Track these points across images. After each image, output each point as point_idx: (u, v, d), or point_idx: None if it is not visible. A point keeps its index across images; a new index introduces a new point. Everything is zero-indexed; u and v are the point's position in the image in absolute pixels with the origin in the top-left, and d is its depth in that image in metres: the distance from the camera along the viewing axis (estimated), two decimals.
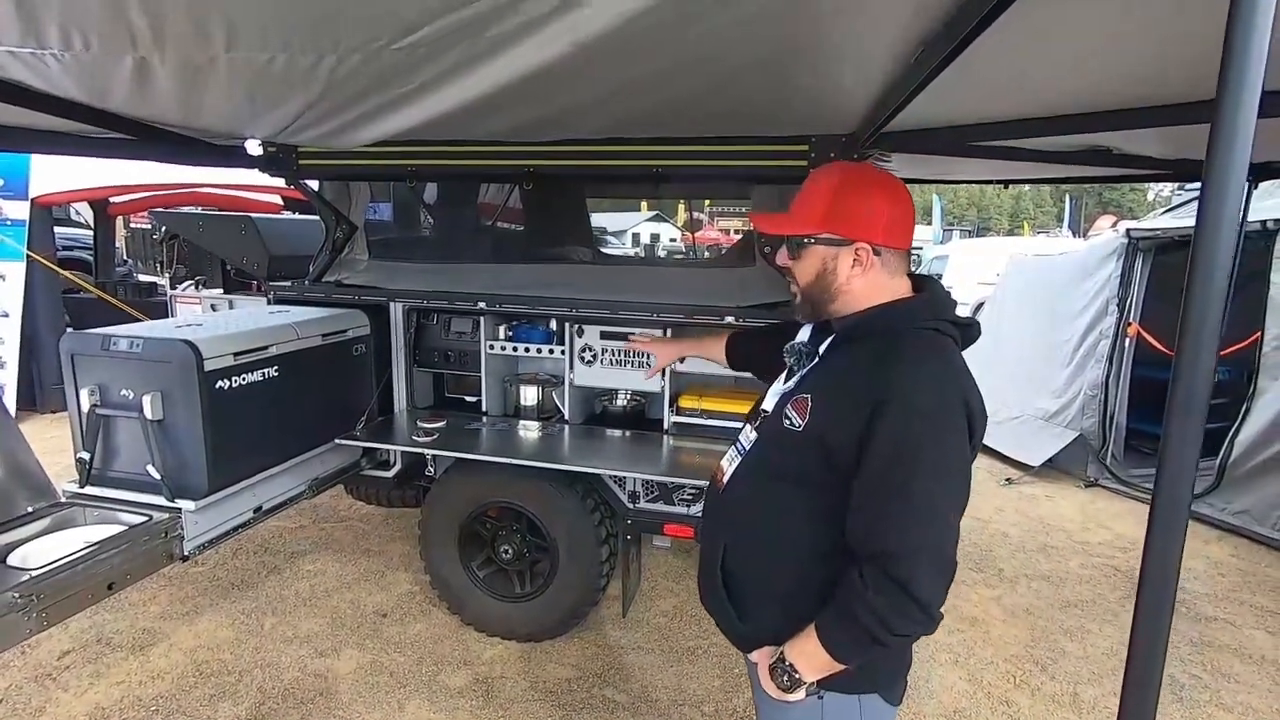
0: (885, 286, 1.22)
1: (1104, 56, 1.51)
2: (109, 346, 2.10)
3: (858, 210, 1.20)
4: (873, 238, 1.19)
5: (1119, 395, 4.86)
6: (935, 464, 1.09)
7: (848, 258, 1.21)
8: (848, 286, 1.22)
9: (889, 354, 1.16)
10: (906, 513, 1.09)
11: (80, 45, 1.35)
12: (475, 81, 1.46)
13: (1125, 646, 2.45)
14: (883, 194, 1.21)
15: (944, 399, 1.12)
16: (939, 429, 1.10)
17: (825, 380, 1.24)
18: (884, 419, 1.09)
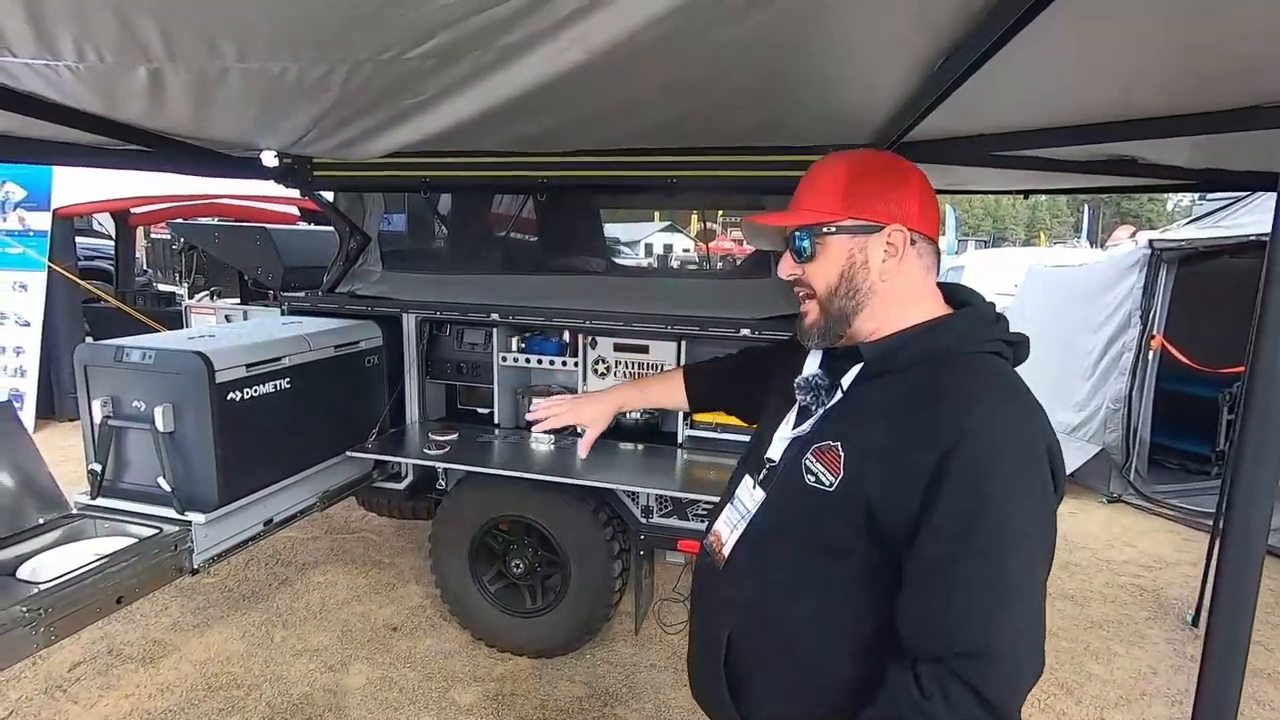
0: (922, 288, 1.02)
1: (1132, 64, 1.46)
2: (122, 358, 2.09)
3: (885, 189, 0.99)
4: (907, 219, 0.98)
5: (1142, 409, 4.76)
6: (1024, 533, 0.85)
7: (878, 247, 0.98)
8: (880, 286, 0.99)
9: (949, 387, 0.91)
10: (990, 599, 0.84)
11: (94, 57, 1.35)
12: (487, 91, 1.44)
13: (1154, 670, 2.38)
14: (911, 175, 1.01)
15: (1028, 448, 0.88)
16: (1025, 488, 0.86)
17: (859, 423, 0.97)
18: (953, 477, 0.85)
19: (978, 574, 0.84)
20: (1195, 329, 4.76)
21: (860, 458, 0.94)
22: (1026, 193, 3.67)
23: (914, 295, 1.01)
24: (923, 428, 0.89)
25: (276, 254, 3.46)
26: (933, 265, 1.02)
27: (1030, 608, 0.86)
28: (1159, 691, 2.79)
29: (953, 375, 0.93)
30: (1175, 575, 3.81)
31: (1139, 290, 4.76)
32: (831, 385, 1.04)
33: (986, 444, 0.86)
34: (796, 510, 1.01)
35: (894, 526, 0.90)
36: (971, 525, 0.84)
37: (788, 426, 1.09)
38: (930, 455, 0.86)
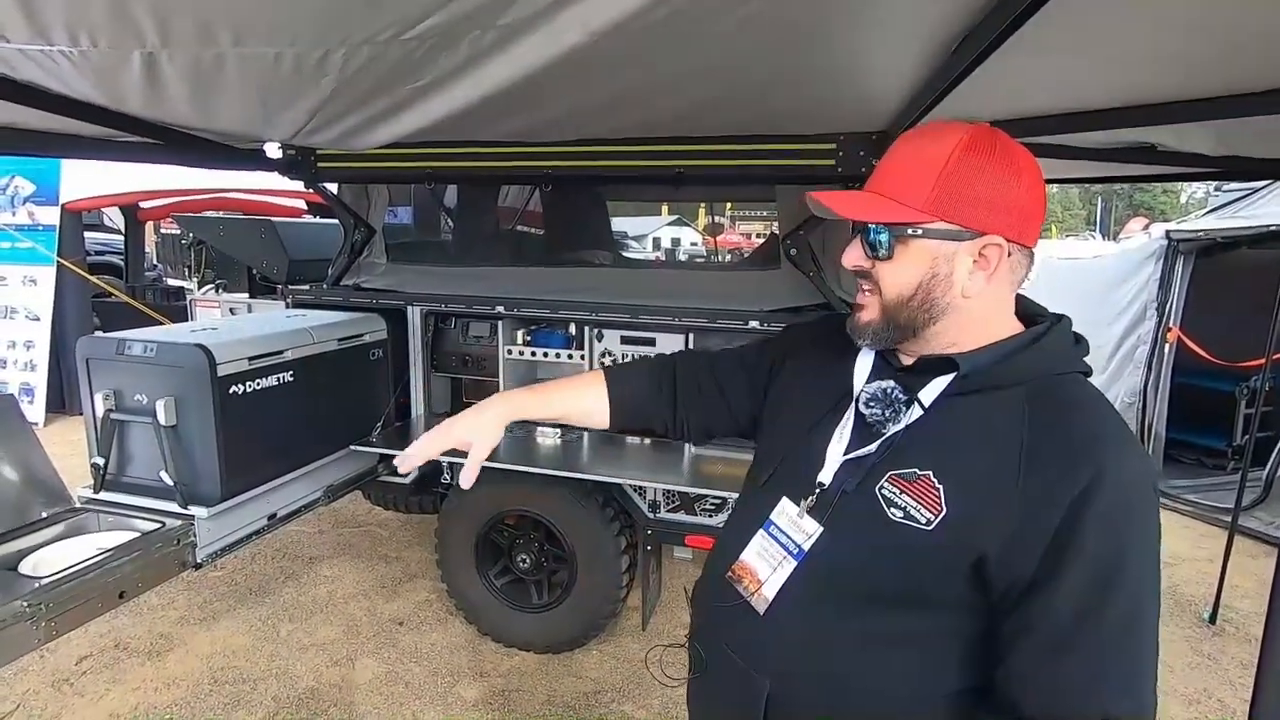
0: (1008, 304, 0.88)
1: (1152, 46, 1.41)
2: (123, 351, 2.07)
3: (991, 189, 0.81)
4: (1009, 230, 0.82)
5: (1158, 403, 4.69)
6: (1154, 581, 0.78)
7: (967, 258, 0.83)
8: (963, 301, 0.84)
9: (1063, 416, 0.81)
10: (1133, 656, 0.76)
11: (88, 42, 1.32)
12: (488, 76, 1.40)
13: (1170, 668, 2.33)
14: (1025, 167, 0.83)
15: (1152, 489, 0.80)
16: (1154, 531, 0.78)
17: (953, 450, 0.84)
18: (1090, 519, 0.75)
19: (1123, 630, 0.76)
20: (1213, 321, 4.68)
21: (966, 493, 0.81)
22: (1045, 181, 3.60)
23: (1000, 311, 0.88)
24: (1044, 465, 0.78)
25: (281, 247, 3.44)
26: (1024, 277, 0.88)
27: (1157, 658, 0.78)
28: (1175, 690, 2.74)
29: (1061, 403, 0.83)
30: (1191, 572, 3.75)
31: (1155, 282, 4.69)
32: (909, 400, 0.87)
33: (1121, 489, 0.76)
34: (883, 554, 0.85)
35: (1011, 577, 0.78)
36: (1115, 575, 0.75)
37: (839, 444, 0.92)
38: (1059, 497, 0.76)
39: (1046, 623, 0.77)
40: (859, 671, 0.87)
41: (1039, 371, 0.85)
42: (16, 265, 5.87)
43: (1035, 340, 0.86)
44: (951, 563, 0.81)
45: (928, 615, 0.84)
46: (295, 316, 2.72)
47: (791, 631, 0.91)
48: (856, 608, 0.87)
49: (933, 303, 0.85)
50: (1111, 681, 0.75)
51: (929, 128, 0.88)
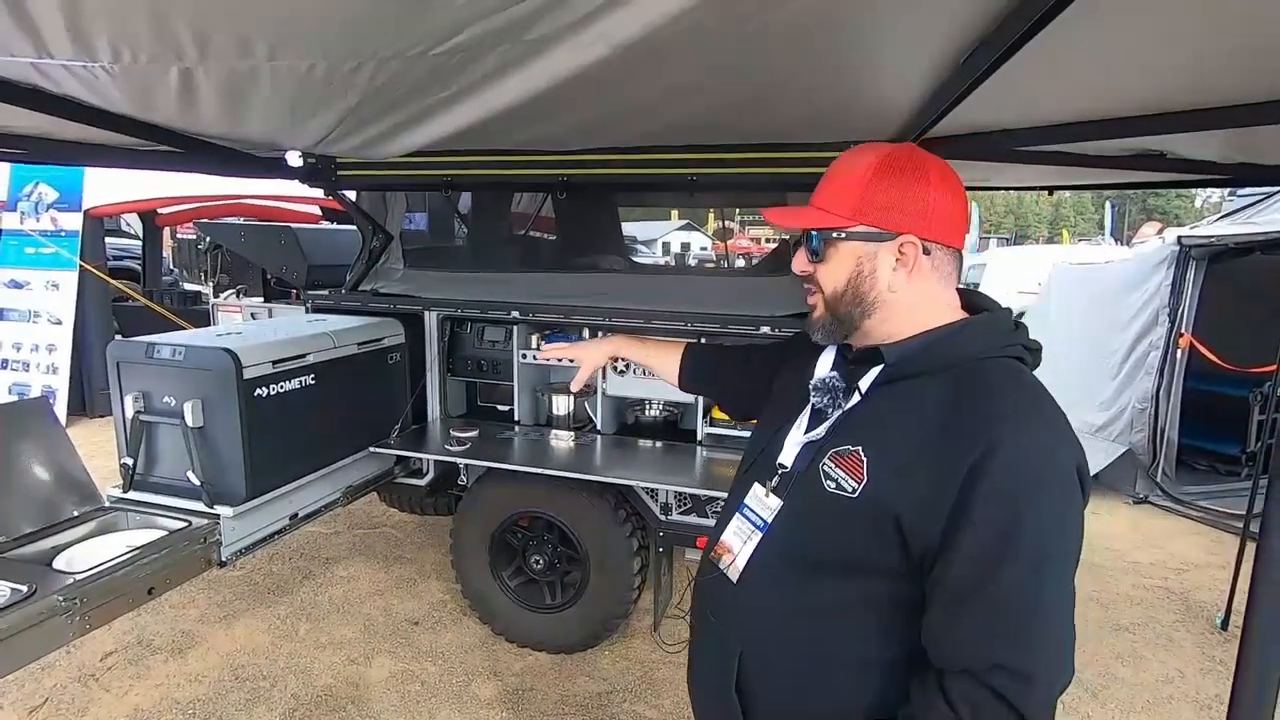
0: (937, 298, 0.97)
1: (1162, 56, 1.44)
2: (152, 354, 2.13)
3: (902, 196, 0.93)
4: (923, 230, 0.93)
5: (1170, 409, 4.67)
6: (1058, 548, 0.85)
7: (889, 256, 0.95)
8: (889, 295, 0.96)
9: (976, 394, 0.89)
10: (1028, 620, 0.83)
11: (129, 58, 1.38)
12: (510, 87, 1.45)
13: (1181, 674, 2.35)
14: (934, 178, 0.94)
15: (1059, 458, 0.86)
16: (1058, 500, 0.85)
17: (882, 429, 0.94)
18: (984, 486, 0.83)
19: (1015, 591, 0.83)
20: (1225, 327, 4.66)
21: (885, 465, 0.91)
22: (1051, 189, 3.62)
23: (928, 304, 0.97)
24: (950, 438, 0.86)
25: (301, 252, 3.51)
26: (952, 273, 0.98)
27: (1065, 621, 0.86)
28: (1187, 696, 2.74)
29: (978, 383, 0.91)
30: (1204, 578, 3.74)
31: (1167, 288, 4.67)
32: (849, 388, 1.00)
33: (1017, 458, 0.83)
34: (819, 520, 0.97)
35: (923, 540, 0.87)
36: (1008, 542, 0.82)
37: (799, 430, 1.04)
38: (959, 468, 0.84)
39: (948, 582, 0.86)
40: (814, 636, 0.97)
41: (961, 357, 0.93)
42: (40, 270, 5.98)
43: (957, 330, 0.96)
44: (873, 526, 0.90)
45: (869, 582, 0.93)
46: (316, 321, 2.78)
47: (758, 597, 1.02)
48: (809, 575, 0.98)
49: (862, 297, 0.97)
50: (1004, 639, 0.84)
51: (859, 148, 1.00)
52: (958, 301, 1.00)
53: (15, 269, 6.05)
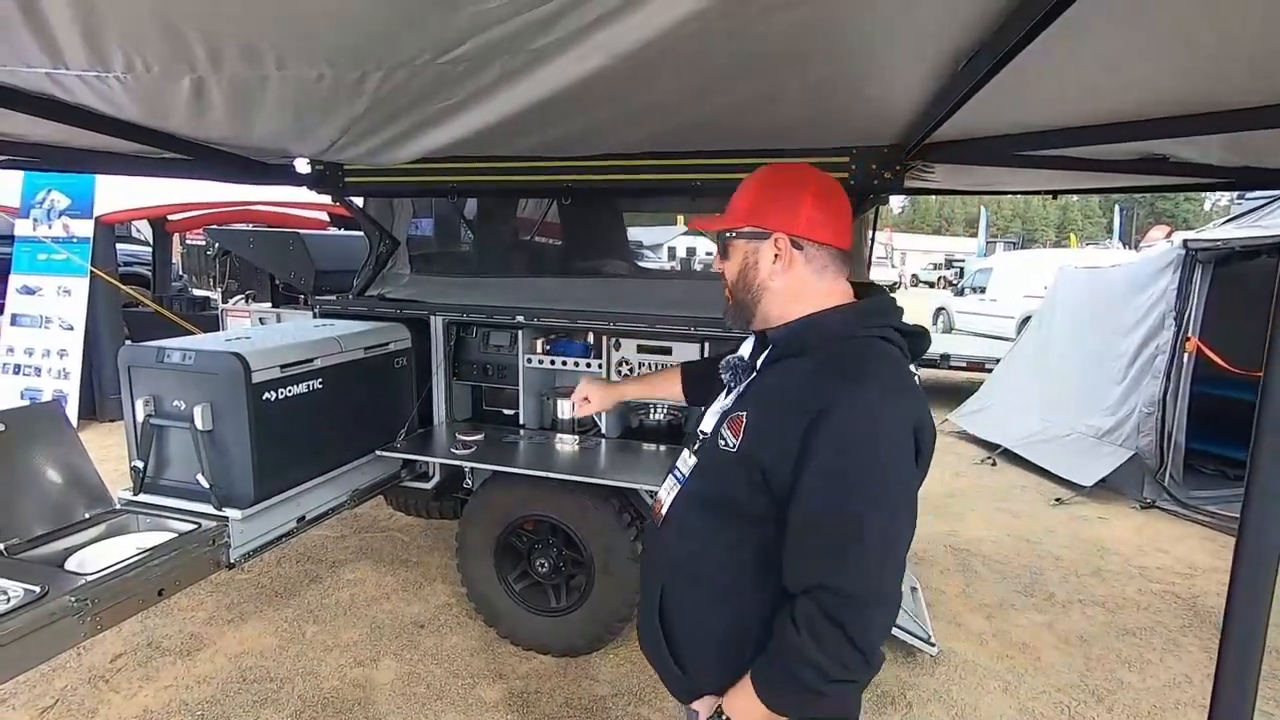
0: (812, 287, 1.14)
1: (1162, 60, 1.45)
2: (163, 359, 2.17)
3: (778, 202, 1.14)
4: (792, 229, 1.13)
5: (1177, 412, 4.65)
6: (880, 491, 1.00)
7: (769, 252, 1.14)
8: (770, 284, 1.15)
9: (829, 364, 1.08)
10: (846, 547, 1.00)
11: (141, 68, 1.41)
12: (514, 96, 1.48)
13: (1188, 679, 2.34)
14: (808, 188, 1.14)
15: (888, 415, 1.02)
16: (883, 450, 1.01)
17: (761, 396, 1.14)
18: (820, 438, 0.99)
19: (839, 524, 1.00)
20: (1232, 330, 4.64)
21: (757, 425, 1.10)
22: (1055, 193, 3.62)
23: (807, 292, 1.15)
24: (804, 394, 1.05)
25: (309, 258, 3.54)
26: (828, 266, 1.15)
27: (885, 552, 1.02)
28: (1194, 701, 2.72)
29: (835, 357, 1.09)
30: (1211, 583, 3.72)
31: (1173, 291, 4.67)
32: (749, 366, 1.21)
33: (850, 415, 1.01)
34: (713, 472, 1.17)
35: (778, 483, 1.05)
36: (835, 483, 1.00)
37: (719, 402, 1.26)
38: (804, 417, 1.01)
39: (795, 516, 1.04)
40: (713, 568, 1.16)
41: (829, 337, 1.12)
42: (52, 276, 6.05)
43: (826, 314, 1.14)
44: (747, 475, 1.09)
45: (751, 524, 1.11)
46: (323, 326, 2.81)
47: (674, 537, 1.23)
48: (708, 517, 1.17)
49: (750, 285, 1.18)
50: (828, 563, 1.01)
51: (758, 169, 1.21)
52: (842, 289, 1.17)
53: (28, 275, 6.12)
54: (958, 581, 3.66)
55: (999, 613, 3.34)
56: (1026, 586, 3.62)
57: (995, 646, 3.05)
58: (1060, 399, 5.54)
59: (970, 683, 2.78)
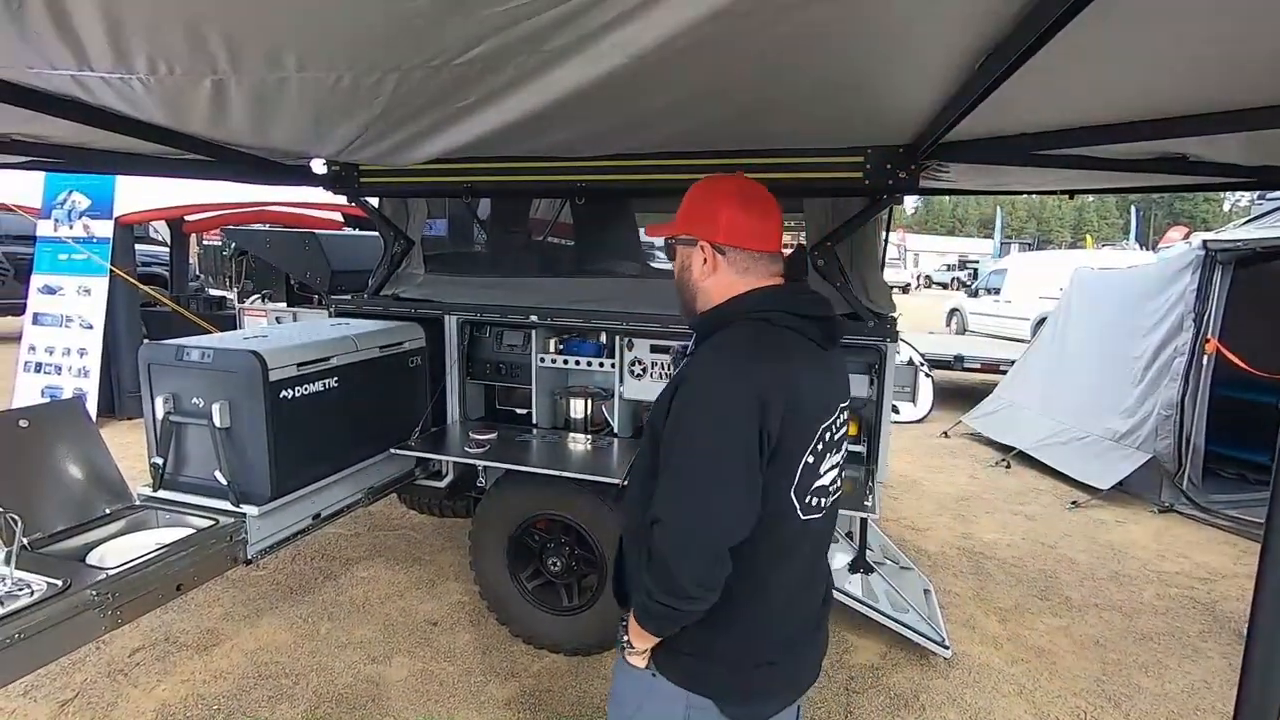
0: (737, 285, 1.28)
1: (1181, 57, 1.44)
2: (182, 357, 2.19)
3: (704, 212, 1.29)
4: (713, 237, 1.27)
5: (1196, 415, 4.59)
6: (707, 445, 1.15)
7: (699, 256, 1.29)
8: (702, 284, 1.30)
9: (711, 342, 1.25)
10: (672, 489, 1.16)
11: (165, 69, 1.43)
12: (530, 96, 1.48)
13: (1207, 685, 2.30)
14: (729, 199, 1.28)
15: (725, 381, 1.17)
16: (716, 410, 1.16)
17: (683, 373, 1.26)
18: (675, 401, 1.19)
19: (673, 469, 1.17)
20: (1253, 332, 4.59)
21: (662, 397, 1.25)
22: (1072, 192, 3.58)
23: (731, 290, 1.28)
24: (679, 372, 1.24)
25: (325, 258, 3.58)
26: (750, 267, 1.28)
27: (704, 499, 1.14)
28: (1213, 708, 2.69)
29: (720, 336, 1.25)
30: (1231, 588, 3.67)
31: (1192, 293, 4.61)
32: (685, 353, 1.38)
33: (696, 383, 1.19)
34: (645, 444, 1.33)
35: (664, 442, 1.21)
36: (677, 432, 1.17)
37: None
38: (674, 385, 1.21)
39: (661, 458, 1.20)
40: (639, 518, 1.25)
41: (721, 323, 1.27)
42: (72, 276, 6.14)
43: (722, 304, 1.28)
44: (650, 433, 1.27)
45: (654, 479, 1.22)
46: (339, 325, 2.83)
47: (625, 505, 1.46)
48: (638, 477, 1.33)
49: (686, 285, 1.33)
50: (665, 501, 1.17)
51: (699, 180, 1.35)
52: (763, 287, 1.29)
53: (49, 275, 6.22)
54: (972, 584, 3.63)
55: (1014, 616, 3.31)
56: (1042, 590, 3.59)
57: (1010, 650, 3.03)
58: (1076, 401, 5.49)
59: (985, 686, 2.76)
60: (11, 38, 1.27)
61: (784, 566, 1.25)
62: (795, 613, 1.30)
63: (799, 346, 1.23)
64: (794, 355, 1.21)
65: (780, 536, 1.21)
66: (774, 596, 1.25)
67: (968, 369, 7.98)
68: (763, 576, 1.23)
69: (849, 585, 2.91)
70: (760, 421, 1.13)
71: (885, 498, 4.81)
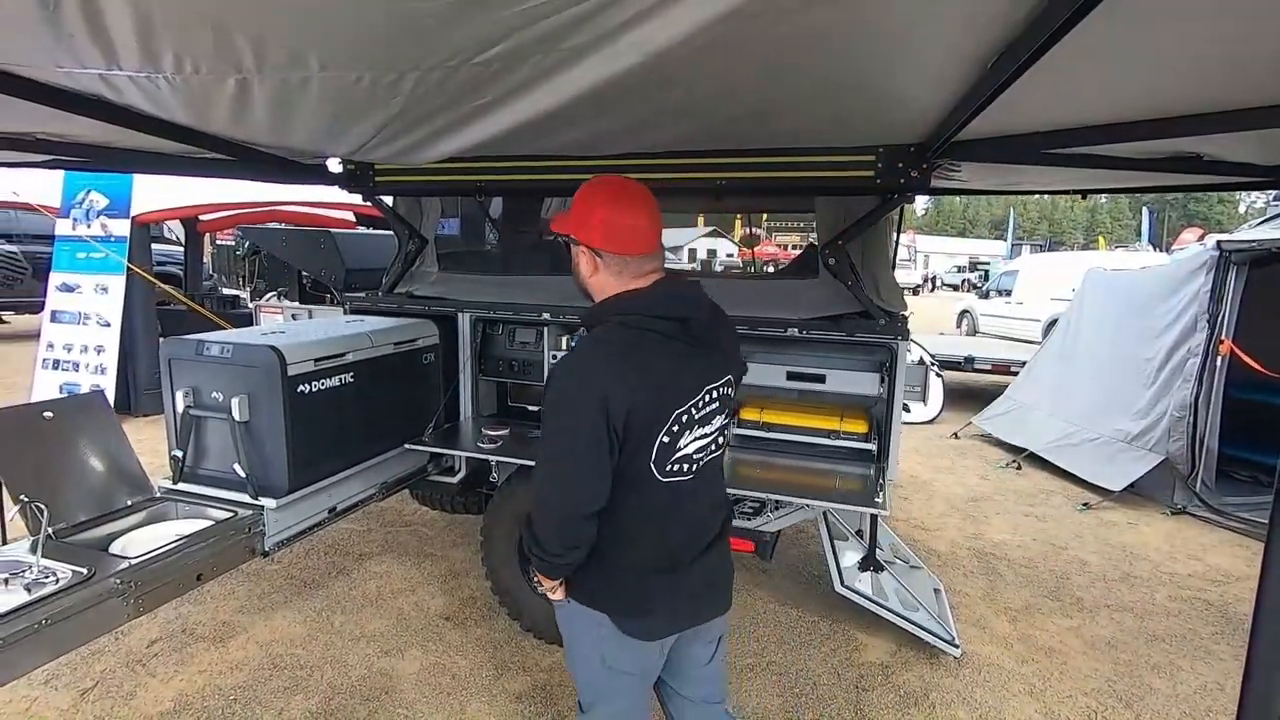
0: (613, 285, 1.44)
1: (1196, 56, 1.44)
2: (202, 352, 2.23)
3: (584, 216, 1.43)
4: (590, 241, 1.42)
5: (1209, 417, 4.56)
6: (555, 430, 1.38)
7: (584, 257, 1.45)
8: (590, 280, 1.46)
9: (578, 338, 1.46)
10: (539, 469, 1.42)
11: (190, 69, 1.47)
12: (544, 96, 1.51)
13: (1220, 687, 2.30)
14: (606, 204, 1.41)
15: (576, 378, 1.37)
16: (564, 401, 1.37)
17: None
18: (545, 393, 1.41)
19: (539, 456, 1.42)
20: (1268, 333, 4.55)
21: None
22: (1084, 192, 3.58)
23: (608, 289, 1.44)
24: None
25: (339, 256, 3.63)
26: (623, 269, 1.43)
27: (552, 473, 1.40)
28: (1225, 709, 2.68)
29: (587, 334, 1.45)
30: (1245, 590, 3.64)
31: (1206, 294, 4.58)
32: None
33: (556, 377, 1.40)
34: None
35: None
36: (543, 425, 1.41)
37: None
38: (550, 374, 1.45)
39: None
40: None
41: (590, 325, 1.46)
42: (90, 274, 6.22)
43: (594, 306, 1.46)
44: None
45: None
46: (354, 322, 2.87)
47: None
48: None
49: (579, 281, 1.49)
50: (535, 477, 1.43)
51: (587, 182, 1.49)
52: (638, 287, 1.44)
53: (67, 273, 6.30)
54: (982, 584, 3.63)
55: (1024, 616, 3.31)
56: (1053, 591, 3.58)
57: (1020, 650, 3.02)
58: (1088, 403, 5.46)
59: (995, 685, 2.76)
60: (45, 37, 1.30)
61: (650, 517, 1.45)
62: (666, 548, 1.49)
63: (654, 344, 1.39)
64: (645, 353, 1.38)
65: (644, 496, 1.42)
66: (642, 538, 1.46)
67: (978, 370, 7.95)
68: (630, 526, 1.44)
69: (859, 583, 2.91)
70: (605, 414, 1.32)
71: (895, 497, 4.81)
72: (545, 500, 1.40)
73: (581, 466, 1.35)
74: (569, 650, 1.63)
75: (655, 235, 1.45)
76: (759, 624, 3.13)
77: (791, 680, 2.74)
